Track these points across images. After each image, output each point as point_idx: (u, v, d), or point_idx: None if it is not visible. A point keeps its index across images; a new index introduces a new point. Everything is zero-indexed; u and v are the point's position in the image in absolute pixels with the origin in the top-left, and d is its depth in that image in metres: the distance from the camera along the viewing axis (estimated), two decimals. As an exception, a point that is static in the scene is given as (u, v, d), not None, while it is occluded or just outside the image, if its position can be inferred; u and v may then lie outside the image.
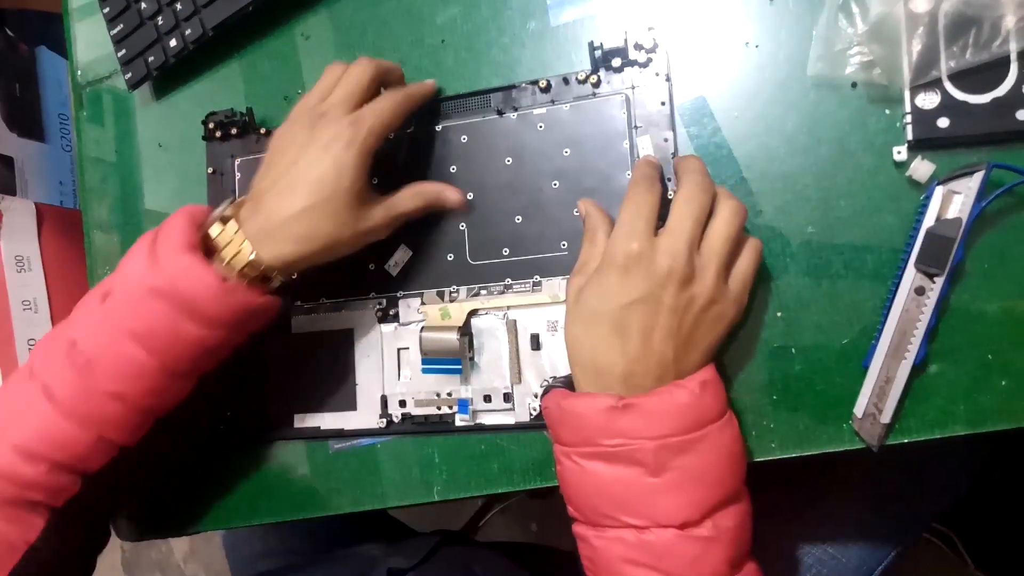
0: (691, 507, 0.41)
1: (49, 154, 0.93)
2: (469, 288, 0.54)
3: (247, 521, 0.60)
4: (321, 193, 0.47)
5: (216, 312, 0.46)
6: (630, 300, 0.42)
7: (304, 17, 0.60)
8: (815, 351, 0.48)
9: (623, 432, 0.41)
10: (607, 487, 0.42)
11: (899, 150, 0.46)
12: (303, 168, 0.47)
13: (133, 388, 0.48)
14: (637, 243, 0.42)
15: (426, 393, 0.55)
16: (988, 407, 0.45)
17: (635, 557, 0.41)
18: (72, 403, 0.47)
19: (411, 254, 0.56)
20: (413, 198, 0.52)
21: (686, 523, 0.40)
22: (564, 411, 0.44)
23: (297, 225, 0.47)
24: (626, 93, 0.51)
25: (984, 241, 0.45)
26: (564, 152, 0.52)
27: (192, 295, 0.45)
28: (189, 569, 1.54)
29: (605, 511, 0.42)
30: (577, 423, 0.43)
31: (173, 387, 0.49)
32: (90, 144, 0.68)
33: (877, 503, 0.61)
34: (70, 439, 0.48)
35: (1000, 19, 0.43)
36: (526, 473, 0.53)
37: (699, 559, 0.40)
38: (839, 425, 0.47)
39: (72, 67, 0.69)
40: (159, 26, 0.61)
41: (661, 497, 0.41)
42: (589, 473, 0.42)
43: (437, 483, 0.55)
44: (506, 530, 1.33)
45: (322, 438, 0.58)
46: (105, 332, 0.47)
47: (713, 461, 0.41)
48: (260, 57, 0.61)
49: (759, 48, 0.49)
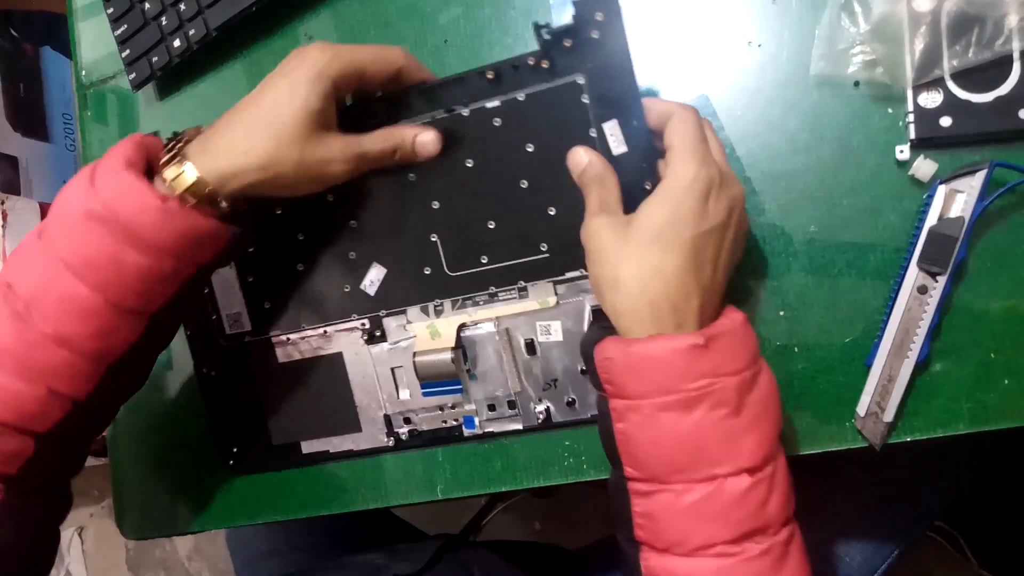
0: (764, 446, 0.39)
1: (53, 154, 0.93)
2: (454, 300, 0.53)
3: (251, 520, 0.61)
4: (269, 110, 0.44)
5: (158, 237, 0.43)
6: (710, 227, 0.40)
7: (307, 17, 0.60)
8: (818, 350, 0.48)
9: (706, 372, 0.39)
10: (687, 437, 0.39)
11: (902, 149, 0.46)
12: (259, 92, 0.45)
13: (77, 329, 0.44)
14: (715, 169, 0.41)
15: (429, 408, 0.55)
16: (991, 406, 0.45)
17: (704, 509, 0.39)
18: (13, 353, 0.44)
19: (385, 271, 0.54)
20: (381, 139, 0.48)
21: (755, 466, 0.39)
22: (635, 358, 0.40)
23: (234, 137, 0.44)
24: (584, 75, 0.46)
25: (986, 240, 0.45)
26: (527, 148, 0.49)
27: (131, 218, 0.42)
28: (193, 567, 1.55)
29: (681, 464, 0.39)
30: (654, 369, 0.39)
31: (122, 326, 0.45)
32: (94, 144, 0.68)
33: (880, 502, 0.61)
34: (15, 395, 0.44)
35: (1003, 18, 0.43)
36: (529, 471, 0.53)
37: (763, 506, 0.39)
38: (842, 424, 0.47)
39: (76, 67, 0.69)
40: (163, 26, 0.61)
41: (744, 438, 0.39)
42: (664, 425, 0.39)
43: (440, 482, 0.56)
44: (509, 529, 1.33)
45: (333, 460, 0.58)
46: (42, 268, 0.43)
47: (770, 394, 0.41)
48: (264, 57, 0.61)
49: (761, 47, 0.49)
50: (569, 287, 0.50)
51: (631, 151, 0.46)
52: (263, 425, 0.59)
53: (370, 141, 0.48)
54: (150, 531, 0.66)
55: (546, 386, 0.52)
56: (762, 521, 0.39)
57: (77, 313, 0.43)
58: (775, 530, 0.39)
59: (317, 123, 0.45)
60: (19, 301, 0.44)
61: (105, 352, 0.46)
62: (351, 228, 0.54)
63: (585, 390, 0.51)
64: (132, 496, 0.66)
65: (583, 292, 0.50)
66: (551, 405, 0.52)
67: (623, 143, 0.46)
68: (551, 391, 0.52)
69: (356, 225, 0.54)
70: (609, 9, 0.45)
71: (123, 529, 0.67)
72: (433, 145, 0.49)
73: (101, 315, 0.44)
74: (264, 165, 0.44)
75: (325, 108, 0.45)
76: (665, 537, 0.40)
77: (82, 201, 0.43)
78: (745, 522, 0.39)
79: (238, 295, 0.58)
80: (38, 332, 0.44)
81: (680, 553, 0.40)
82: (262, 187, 0.45)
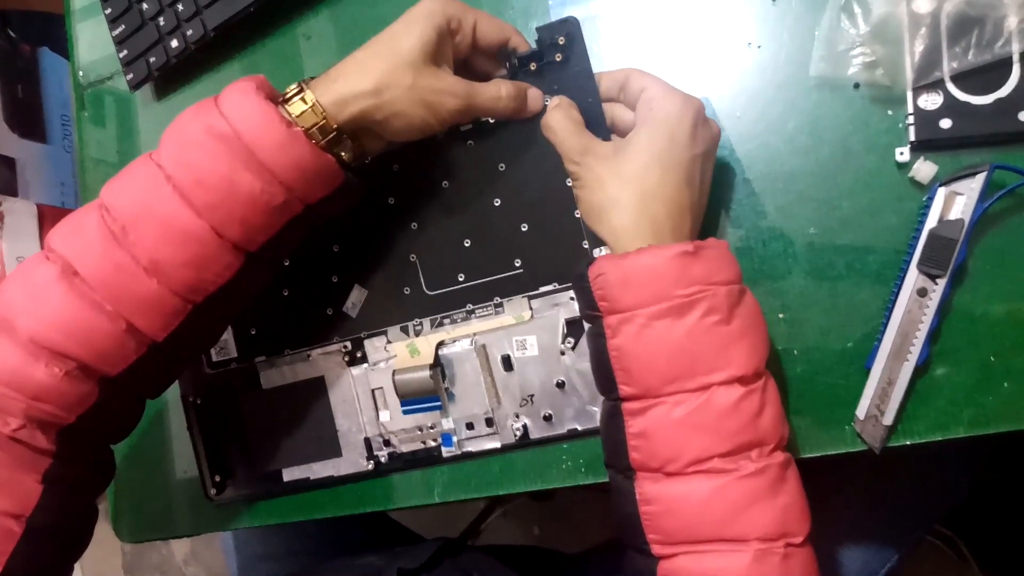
0: (755, 355, 0.40)
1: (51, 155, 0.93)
2: (432, 319, 0.53)
3: (248, 523, 0.60)
4: (386, 42, 0.45)
5: (277, 161, 0.42)
6: (700, 151, 0.44)
7: (305, 17, 0.60)
8: (817, 352, 0.48)
9: (697, 279, 0.40)
10: (680, 344, 0.40)
11: (901, 151, 0.46)
12: (375, 38, 0.46)
13: (174, 255, 0.42)
14: (697, 101, 0.44)
15: (408, 429, 0.55)
16: (990, 409, 0.45)
17: (698, 420, 0.39)
18: (98, 281, 0.42)
19: (367, 293, 0.55)
20: (495, 86, 0.48)
21: (747, 376, 0.40)
22: (629, 270, 0.40)
23: (352, 66, 0.45)
24: (549, 96, 0.49)
25: (986, 242, 0.45)
26: (500, 167, 0.51)
27: (254, 137, 0.41)
28: (190, 571, 1.54)
29: (674, 373, 0.40)
30: (647, 278, 0.40)
31: (219, 259, 0.43)
32: (92, 145, 0.68)
33: (879, 505, 0.60)
34: (93, 329, 0.42)
35: (1002, 20, 0.43)
36: (527, 475, 0.53)
37: (756, 417, 0.39)
38: (841, 427, 0.47)
39: (74, 68, 0.69)
40: (161, 27, 0.61)
41: (735, 346, 0.40)
42: (657, 334, 0.40)
43: (438, 485, 0.55)
44: (508, 533, 1.33)
45: (311, 488, 0.58)
46: (147, 187, 0.42)
47: (756, 312, 0.42)
48: (262, 57, 0.61)
49: (761, 49, 0.49)
50: (543, 301, 0.51)
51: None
52: (247, 453, 0.59)
53: (488, 92, 0.48)
54: (146, 534, 0.66)
55: (523, 402, 0.52)
56: (756, 435, 0.39)
57: (177, 237, 0.42)
58: (770, 448, 0.40)
59: (431, 54, 0.45)
60: (115, 223, 0.42)
61: (195, 287, 0.44)
62: (333, 252, 0.56)
63: (563, 404, 0.51)
64: (128, 500, 0.66)
65: (556, 305, 0.51)
66: (528, 421, 0.52)
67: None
68: (528, 406, 0.52)
69: (338, 249, 0.56)
70: (570, 33, 0.48)
71: (119, 533, 0.66)
72: (538, 104, 0.50)
73: (201, 242, 0.42)
74: (378, 88, 0.44)
75: (439, 41, 0.45)
76: (660, 454, 0.40)
77: (205, 119, 0.42)
78: (739, 434, 0.39)
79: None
80: (131, 258, 0.42)
81: (675, 470, 0.40)
82: (376, 113, 0.45)
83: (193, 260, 0.42)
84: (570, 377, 0.50)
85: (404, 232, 0.54)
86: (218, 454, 0.60)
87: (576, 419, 0.51)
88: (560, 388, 0.51)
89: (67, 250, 0.42)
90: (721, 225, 0.49)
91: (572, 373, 0.50)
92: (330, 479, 0.57)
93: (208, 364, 0.60)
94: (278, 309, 0.57)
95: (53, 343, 0.41)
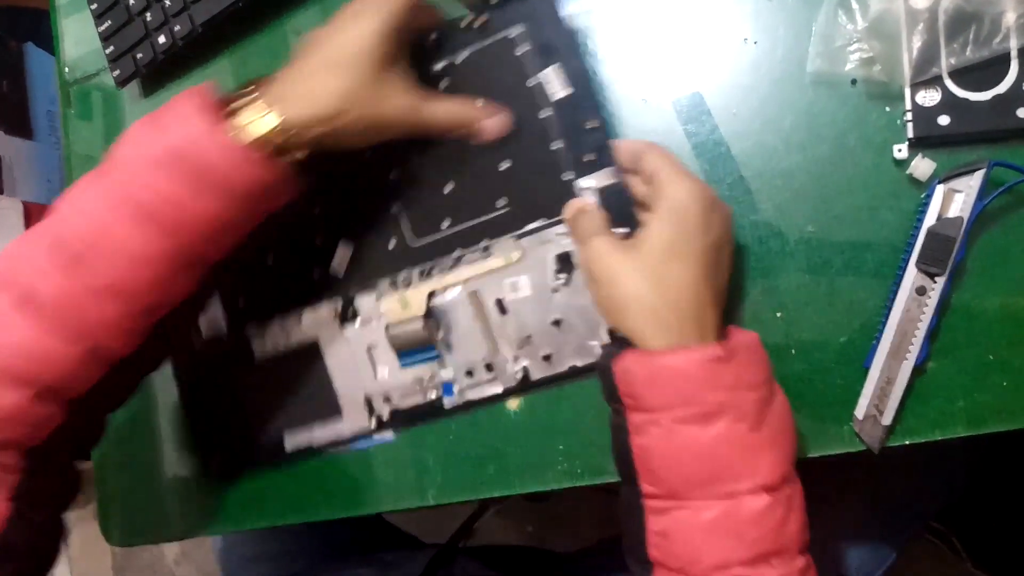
0: (782, 464, 0.39)
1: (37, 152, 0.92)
2: (421, 270, 0.53)
3: (239, 526, 0.60)
4: (340, 53, 0.44)
5: (233, 181, 0.41)
6: (715, 237, 0.42)
7: (295, 13, 0.59)
8: (815, 351, 0.47)
9: (728, 384, 0.39)
10: (707, 451, 0.39)
11: (899, 148, 0.46)
12: (327, 36, 0.45)
13: (135, 278, 0.42)
14: (707, 186, 0.43)
15: (408, 384, 0.54)
16: (988, 407, 0.45)
17: (721, 527, 0.38)
18: (56, 308, 0.41)
19: (352, 250, 0.54)
20: (447, 113, 0.48)
21: (774, 485, 0.39)
22: (657, 370, 0.39)
23: (310, 82, 0.44)
24: (517, 28, 0.49)
25: (985, 240, 0.45)
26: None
27: (209, 160, 0.41)
28: (181, 571, 1.53)
29: (700, 479, 0.39)
30: (676, 381, 0.39)
31: (180, 278, 0.44)
32: (79, 142, 0.67)
33: (876, 504, 0.60)
34: (56, 354, 0.42)
35: (1000, 15, 0.43)
36: (523, 476, 0.53)
37: (781, 527, 0.38)
38: (839, 427, 0.46)
39: (60, 64, 0.68)
40: (148, 22, 0.60)
41: (762, 455, 0.39)
42: (684, 439, 0.39)
43: (432, 487, 0.55)
44: (502, 532, 1.33)
45: (316, 453, 0.57)
46: (102, 214, 0.41)
47: (786, 414, 0.41)
48: (251, 54, 0.60)
49: (757, 44, 0.48)
50: (532, 239, 0.50)
51: (576, 90, 0.48)
52: (245, 427, 0.58)
53: (435, 109, 0.47)
54: (136, 538, 0.65)
55: (521, 343, 0.51)
56: (780, 544, 0.38)
57: (133, 261, 0.41)
58: (792, 555, 0.39)
59: (384, 70, 0.45)
60: (69, 251, 0.41)
61: (157, 306, 0.44)
62: (314, 215, 0.55)
63: (561, 342, 0.50)
64: (116, 503, 0.65)
65: (546, 242, 0.50)
66: (528, 363, 0.51)
67: (566, 86, 0.49)
68: (527, 348, 0.51)
69: (319, 210, 0.55)
70: None
71: (108, 537, 0.66)
72: (498, 130, 0.49)
73: (161, 263, 0.42)
74: (338, 110, 0.43)
75: (394, 57, 0.45)
76: (681, 556, 0.39)
77: (152, 144, 0.41)
78: (762, 542, 0.38)
79: (213, 297, 0.58)
80: (90, 284, 0.41)
81: (694, 574, 0.39)
82: (330, 137, 0.44)
83: (153, 282, 0.42)
84: (566, 314, 0.50)
85: (383, 184, 0.53)
86: (216, 430, 0.59)
87: (576, 355, 0.50)
88: (556, 326, 0.50)
89: (21, 277, 0.42)
90: (717, 223, 0.49)
91: (568, 310, 0.50)
92: (335, 442, 0.56)
93: (199, 342, 0.59)
94: (264, 278, 0.57)
95: (16, 369, 0.41)
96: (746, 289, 0.48)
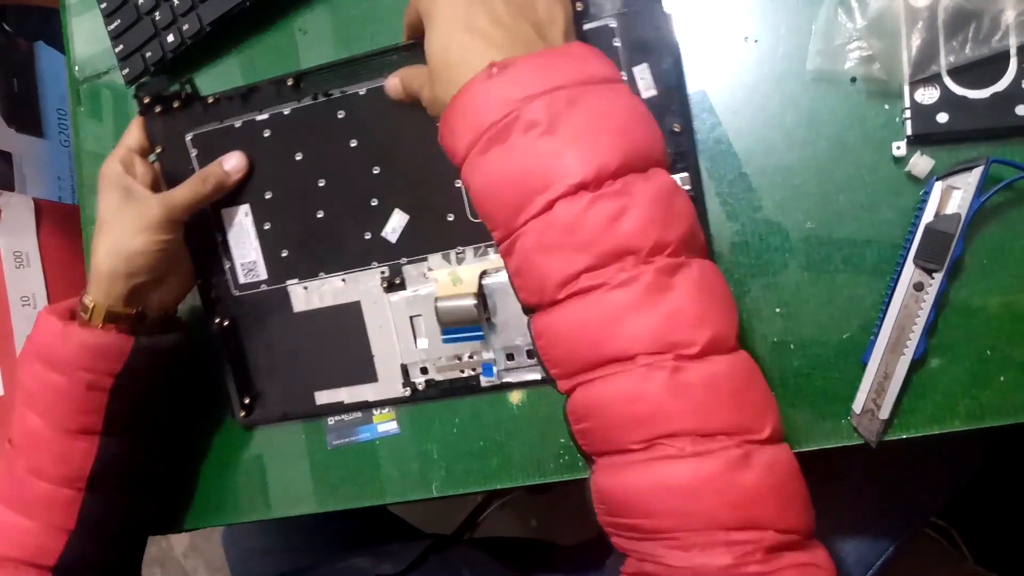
0: (596, 157, 0.36)
1: (48, 150, 0.93)
2: (476, 248, 0.53)
3: (245, 517, 0.61)
4: (97, 224, 0.54)
5: (64, 353, 0.51)
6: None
7: (302, 12, 0.60)
8: (814, 346, 0.48)
9: (506, 99, 0.36)
10: (511, 171, 0.37)
11: (898, 145, 0.46)
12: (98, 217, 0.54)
13: (41, 458, 0.52)
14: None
15: (447, 358, 0.54)
16: (986, 402, 0.45)
17: (549, 242, 0.36)
18: (10, 492, 0.53)
19: (408, 218, 0.54)
20: (190, 183, 0.55)
21: (588, 180, 0.35)
22: (450, 112, 0.39)
23: (93, 261, 0.53)
24: (616, 19, 0.48)
25: (983, 236, 0.45)
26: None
27: (44, 342, 0.52)
28: (189, 564, 1.54)
29: (515, 200, 0.37)
30: (466, 114, 0.38)
31: (73, 449, 0.52)
32: (88, 139, 0.67)
33: (875, 498, 0.60)
34: (22, 531, 0.52)
35: (999, 13, 0.43)
36: (525, 469, 0.53)
37: (613, 223, 0.35)
38: (838, 421, 0.47)
39: (69, 62, 0.69)
40: (156, 21, 0.61)
41: (567, 153, 0.36)
42: (493, 167, 0.38)
43: (436, 479, 0.55)
44: (506, 525, 1.33)
45: (346, 411, 0.57)
46: (16, 413, 0.53)
47: (600, 111, 0.37)
48: (258, 52, 0.61)
49: (758, 43, 0.49)
50: None
51: (660, 94, 0.48)
52: (277, 376, 0.59)
53: (178, 192, 0.55)
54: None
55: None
56: (619, 241, 0.35)
57: (38, 443, 0.52)
58: (644, 255, 0.35)
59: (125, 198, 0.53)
60: (10, 447, 0.54)
61: (70, 477, 0.52)
62: (374, 175, 0.54)
63: None
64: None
65: None
66: None
67: (652, 86, 0.48)
68: None
69: (379, 171, 0.54)
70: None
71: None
72: (240, 164, 0.57)
73: (53, 441, 0.52)
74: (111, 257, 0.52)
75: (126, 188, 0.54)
76: (531, 286, 0.38)
77: (23, 348, 0.54)
78: (595, 244, 0.35)
79: (254, 243, 0.58)
80: (20, 467, 0.53)
81: (549, 300, 0.37)
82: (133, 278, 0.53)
83: (55, 458, 0.52)
84: None
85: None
86: (246, 376, 0.59)
87: None
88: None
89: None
90: (718, 219, 0.49)
91: None
92: (365, 403, 0.56)
93: (236, 286, 0.59)
94: (312, 231, 0.56)
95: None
96: (747, 285, 0.49)
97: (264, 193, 0.57)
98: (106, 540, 0.56)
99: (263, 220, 0.57)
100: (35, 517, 0.52)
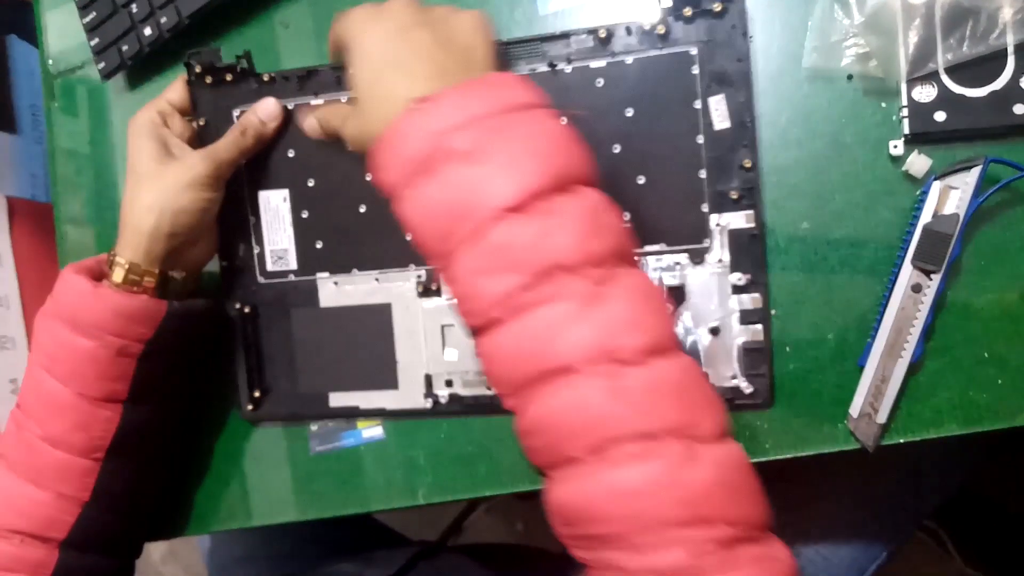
0: (524, 178, 0.36)
1: (21, 146, 0.90)
2: None
3: (226, 525, 0.59)
4: (131, 177, 0.51)
5: (95, 316, 0.48)
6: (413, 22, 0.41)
7: (283, 5, 0.58)
8: (810, 349, 0.47)
9: (435, 128, 0.37)
10: (440, 203, 0.37)
11: (895, 144, 0.45)
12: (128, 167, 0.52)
13: (60, 425, 0.49)
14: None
15: (475, 372, 0.53)
16: (983, 406, 0.45)
17: (481, 264, 0.37)
18: (20, 460, 0.50)
19: None
20: (230, 137, 0.53)
21: (515, 204, 0.36)
22: (385, 140, 0.39)
23: (125, 218, 0.50)
24: (697, 46, 0.47)
25: (981, 237, 0.45)
26: (627, 112, 0.48)
27: (71, 304, 0.49)
28: (167, 571, 1.52)
29: (445, 230, 0.37)
30: (393, 147, 0.38)
31: (96, 417, 0.50)
32: (63, 136, 0.65)
33: (870, 503, 0.60)
34: (29, 502, 0.49)
35: (997, 11, 0.43)
36: (513, 476, 0.52)
37: (541, 241, 0.35)
38: (834, 425, 0.46)
39: (43, 57, 0.67)
40: (133, 14, 0.59)
41: (494, 179, 0.36)
42: (424, 199, 0.38)
43: (422, 486, 0.54)
44: (492, 530, 1.32)
45: (361, 417, 0.55)
46: (28, 375, 0.50)
47: (533, 132, 0.38)
48: (238, 46, 0.59)
49: (753, 39, 0.48)
50: (643, 261, 0.48)
51: (733, 127, 0.47)
52: (292, 371, 0.56)
53: (220, 145, 0.52)
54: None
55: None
56: (549, 258, 0.35)
57: (56, 409, 0.49)
58: (576, 269, 0.35)
59: (160, 158, 0.51)
60: (20, 412, 0.51)
61: (89, 446, 0.50)
62: None
63: None
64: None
65: (657, 269, 0.49)
66: None
67: (727, 119, 0.47)
68: None
69: None
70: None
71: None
72: (274, 110, 0.54)
73: (74, 408, 0.49)
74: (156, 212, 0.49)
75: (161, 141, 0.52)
76: (470, 309, 0.38)
77: (44, 306, 0.50)
78: (528, 262, 0.36)
79: (288, 231, 0.56)
80: (33, 435, 0.49)
81: (487, 321, 0.37)
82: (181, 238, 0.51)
83: (75, 425, 0.49)
84: None
85: None
86: (259, 368, 0.57)
87: None
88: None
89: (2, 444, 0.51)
90: (712, 219, 0.48)
91: None
92: (383, 411, 0.55)
93: (262, 272, 0.57)
94: (351, 225, 0.54)
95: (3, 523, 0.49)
96: (741, 286, 0.48)
97: (307, 180, 0.55)
98: (121, 513, 0.53)
99: (301, 208, 0.55)
100: (46, 487, 0.49)
